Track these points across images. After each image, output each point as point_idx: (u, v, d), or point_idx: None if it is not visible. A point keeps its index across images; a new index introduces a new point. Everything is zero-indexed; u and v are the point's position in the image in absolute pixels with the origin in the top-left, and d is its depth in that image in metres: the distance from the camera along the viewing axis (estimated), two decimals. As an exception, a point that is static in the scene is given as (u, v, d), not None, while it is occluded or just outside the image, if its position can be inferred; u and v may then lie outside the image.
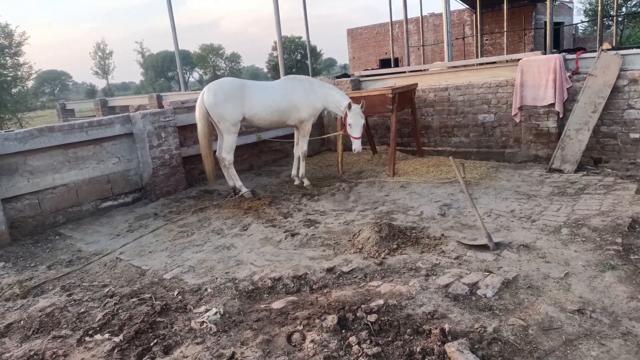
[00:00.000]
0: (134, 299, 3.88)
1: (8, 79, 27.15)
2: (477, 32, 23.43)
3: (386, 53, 29.89)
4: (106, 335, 3.29)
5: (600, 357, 2.69)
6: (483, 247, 4.30)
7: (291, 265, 4.34)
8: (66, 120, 16.66)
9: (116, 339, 3.20)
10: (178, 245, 5.21)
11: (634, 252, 3.93)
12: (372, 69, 18.49)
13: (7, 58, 27.62)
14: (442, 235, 4.76)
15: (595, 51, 7.52)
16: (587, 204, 5.32)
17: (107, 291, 4.13)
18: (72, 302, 3.93)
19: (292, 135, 7.81)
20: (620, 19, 34.82)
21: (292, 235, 5.13)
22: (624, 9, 39.00)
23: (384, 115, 8.80)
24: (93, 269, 4.74)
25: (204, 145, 6.61)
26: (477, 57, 21.99)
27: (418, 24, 26.30)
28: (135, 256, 4.98)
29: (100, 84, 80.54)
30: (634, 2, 39.44)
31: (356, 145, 6.79)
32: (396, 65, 26.14)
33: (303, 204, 6.39)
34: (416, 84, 8.31)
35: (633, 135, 6.71)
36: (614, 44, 22.19)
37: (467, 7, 26.59)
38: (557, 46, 27.05)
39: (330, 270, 4.15)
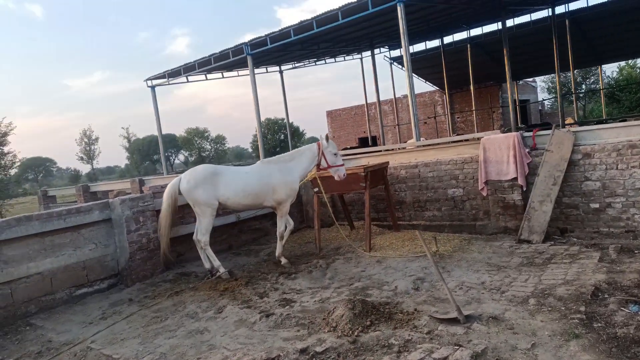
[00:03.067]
0: (101, 391, 3.78)
1: (-9, 168, 27.38)
2: (448, 111, 24.86)
3: (364, 132, 31.17)
4: None
5: None
6: (454, 321, 4.36)
7: (264, 348, 4.31)
8: (47, 207, 16.65)
9: None
10: (151, 331, 5.13)
11: (596, 320, 4.04)
12: (350, 148, 19.25)
13: (-8, 148, 28.06)
14: (415, 310, 4.81)
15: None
16: (553, 273, 5.48)
17: (75, 383, 4.01)
18: (37, 397, 3.80)
19: (273, 214, 8.00)
20: (581, 95, 37.46)
21: (267, 316, 5.12)
22: (583, 86, 42.09)
23: (359, 192, 9.10)
24: (62, 359, 4.62)
25: (164, 224, 6.99)
26: (450, 134, 23.19)
27: (392, 105, 27.83)
28: (106, 344, 4.88)
29: (84, 169, 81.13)
30: (592, 80, 42.72)
31: (343, 170, 7.33)
32: (374, 142, 27.26)
33: (280, 282, 6.41)
34: (387, 163, 8.72)
35: (593, 205, 7.06)
36: (576, 118, 23.70)
37: (437, 88, 28.41)
38: (526, 121, 28.75)
39: (303, 351, 4.13)
